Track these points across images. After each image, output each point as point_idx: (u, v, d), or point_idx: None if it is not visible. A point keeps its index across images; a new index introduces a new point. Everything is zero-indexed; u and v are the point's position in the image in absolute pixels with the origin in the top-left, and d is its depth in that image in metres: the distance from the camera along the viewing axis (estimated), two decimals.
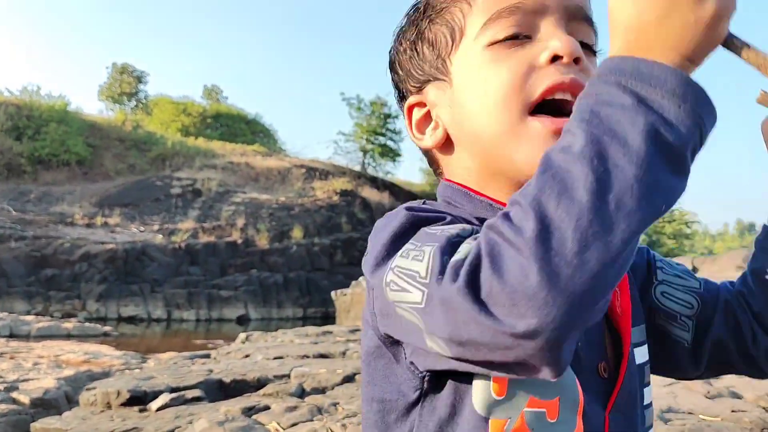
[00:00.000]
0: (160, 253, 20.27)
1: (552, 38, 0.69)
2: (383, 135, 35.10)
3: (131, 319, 18.29)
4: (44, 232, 20.09)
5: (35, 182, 25.18)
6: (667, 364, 0.84)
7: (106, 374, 8.23)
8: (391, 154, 36.02)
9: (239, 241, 21.65)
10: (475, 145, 0.75)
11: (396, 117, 36.21)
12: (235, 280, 20.24)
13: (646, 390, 0.76)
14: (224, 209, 23.61)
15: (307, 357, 6.61)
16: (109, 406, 4.54)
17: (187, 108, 36.74)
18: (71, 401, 7.14)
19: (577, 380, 0.67)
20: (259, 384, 5.17)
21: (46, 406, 6.79)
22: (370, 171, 34.19)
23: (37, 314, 16.05)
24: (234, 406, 4.20)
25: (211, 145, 31.38)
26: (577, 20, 0.72)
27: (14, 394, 7.08)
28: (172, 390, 4.67)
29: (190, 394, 4.63)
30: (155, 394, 4.56)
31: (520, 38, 0.71)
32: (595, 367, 0.70)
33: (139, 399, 4.49)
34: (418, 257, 0.59)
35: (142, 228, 22.07)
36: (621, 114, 0.52)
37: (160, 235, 21.40)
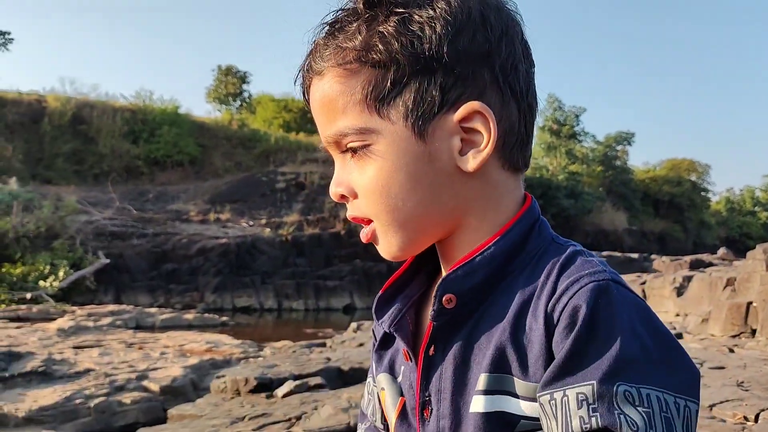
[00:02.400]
0: (269, 246, 21.01)
1: None
2: None
3: (245, 310, 19.09)
4: (163, 229, 21.29)
5: (152, 182, 26.69)
6: None
7: (227, 362, 8.62)
8: None
9: (342, 232, 22.07)
10: None
11: None
12: (340, 270, 20.68)
13: None
14: (327, 201, 24.10)
15: None
16: (238, 392, 4.75)
17: (288, 104, 37.68)
18: (197, 388, 7.53)
19: (395, 419, 0.82)
20: None
21: (174, 393, 7.19)
22: None
23: (159, 306, 17.04)
24: (355, 393, 4.28)
25: (312, 139, 32.08)
26: (339, 151, 0.80)
27: (145, 383, 7.53)
28: (296, 377, 4.82)
29: (312, 381, 4.76)
30: (280, 382, 4.72)
31: None
32: (413, 407, 0.79)
33: (265, 386, 4.67)
34: None
35: (251, 222, 22.94)
36: None
37: (268, 229, 22.17)
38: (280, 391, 4.48)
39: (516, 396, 0.71)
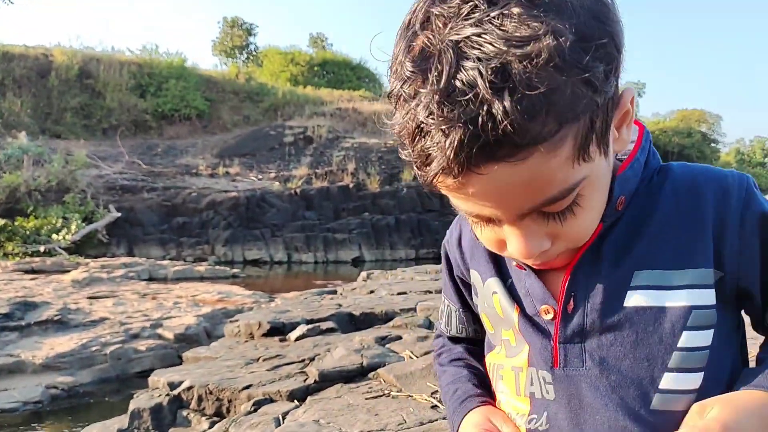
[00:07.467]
0: (278, 200, 21.04)
1: (510, 238, 0.75)
2: None
3: (255, 262, 19.24)
4: (173, 183, 21.34)
5: (161, 137, 26.65)
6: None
7: (239, 311, 8.74)
8: None
9: (351, 186, 22.06)
10: None
11: None
12: (349, 223, 20.73)
13: (663, 332, 0.78)
14: (335, 155, 24.06)
15: (430, 292, 6.70)
16: (251, 336, 4.83)
17: (294, 57, 37.31)
18: (210, 336, 7.67)
19: (516, 319, 0.86)
20: (387, 317, 5.31)
21: (188, 340, 7.34)
22: None
23: (171, 259, 17.20)
24: (367, 336, 4.35)
25: (319, 93, 31.86)
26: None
27: (159, 331, 7.68)
28: (308, 322, 4.90)
29: (324, 325, 4.83)
30: (292, 326, 4.80)
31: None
32: (536, 311, 0.84)
33: (278, 330, 4.75)
34: None
35: (260, 176, 22.95)
36: None
37: (277, 183, 22.18)
38: (293, 335, 4.57)
39: (701, 287, 0.77)
